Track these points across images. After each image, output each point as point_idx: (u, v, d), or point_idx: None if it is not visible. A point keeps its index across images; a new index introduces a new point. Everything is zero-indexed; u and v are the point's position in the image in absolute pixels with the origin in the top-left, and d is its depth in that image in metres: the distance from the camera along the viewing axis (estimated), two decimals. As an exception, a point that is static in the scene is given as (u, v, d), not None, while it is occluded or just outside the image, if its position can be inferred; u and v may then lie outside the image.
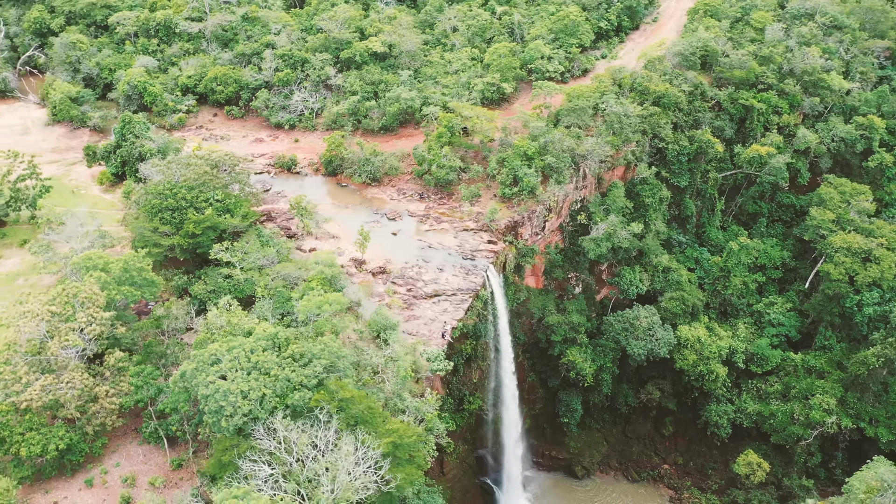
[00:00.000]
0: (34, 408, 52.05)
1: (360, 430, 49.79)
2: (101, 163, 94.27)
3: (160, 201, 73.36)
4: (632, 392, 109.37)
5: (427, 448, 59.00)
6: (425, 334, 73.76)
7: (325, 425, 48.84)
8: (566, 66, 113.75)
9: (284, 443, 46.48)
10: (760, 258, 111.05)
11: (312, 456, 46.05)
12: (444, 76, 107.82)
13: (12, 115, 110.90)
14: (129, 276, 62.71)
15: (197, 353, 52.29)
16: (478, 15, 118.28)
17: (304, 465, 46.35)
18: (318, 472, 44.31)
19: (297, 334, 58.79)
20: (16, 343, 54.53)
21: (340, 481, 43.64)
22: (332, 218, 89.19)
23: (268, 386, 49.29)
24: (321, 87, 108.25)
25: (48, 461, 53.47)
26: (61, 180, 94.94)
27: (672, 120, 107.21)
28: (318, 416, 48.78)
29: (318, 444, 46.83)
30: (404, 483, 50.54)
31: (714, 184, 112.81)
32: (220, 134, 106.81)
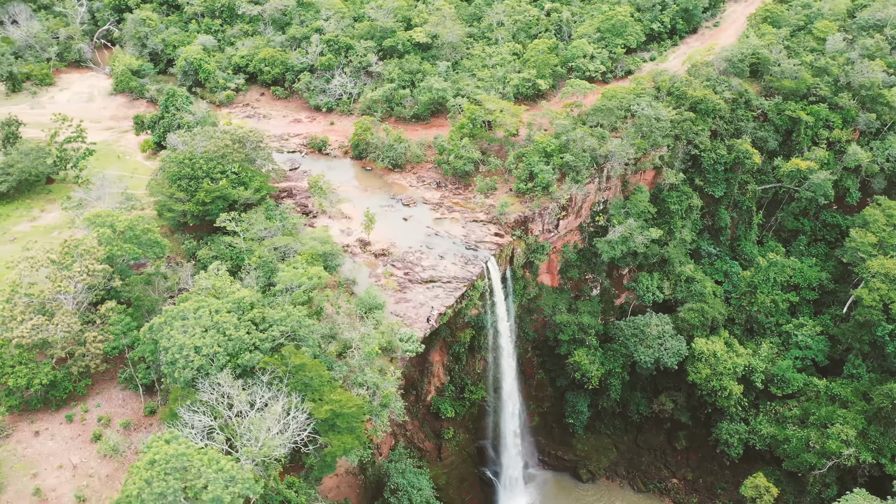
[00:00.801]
0: (24, 344, 57.44)
1: (297, 394, 52.30)
2: (148, 131, 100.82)
3: (179, 169, 78.33)
4: (645, 401, 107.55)
5: (380, 422, 60.89)
6: (412, 317, 75.64)
7: (268, 386, 51.72)
8: (608, 66, 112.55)
9: (227, 398, 49.67)
10: (795, 277, 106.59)
11: (249, 413, 49.02)
12: (482, 69, 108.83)
13: (83, 83, 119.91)
14: (134, 236, 67.56)
15: (168, 309, 56.29)
16: (525, 11, 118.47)
17: (241, 420, 49.35)
18: (245, 427, 47.22)
19: (269, 302, 61.95)
20: (20, 285, 60.19)
21: (260, 437, 46.36)
22: (348, 199, 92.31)
23: (220, 344, 52.60)
24: (362, 73, 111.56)
25: (35, 394, 58.86)
26: (111, 146, 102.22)
27: (711, 127, 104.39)
28: (262, 378, 51.71)
29: (255, 402, 49.77)
30: (337, 450, 52.73)
31: (752, 196, 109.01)
32: (263, 112, 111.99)
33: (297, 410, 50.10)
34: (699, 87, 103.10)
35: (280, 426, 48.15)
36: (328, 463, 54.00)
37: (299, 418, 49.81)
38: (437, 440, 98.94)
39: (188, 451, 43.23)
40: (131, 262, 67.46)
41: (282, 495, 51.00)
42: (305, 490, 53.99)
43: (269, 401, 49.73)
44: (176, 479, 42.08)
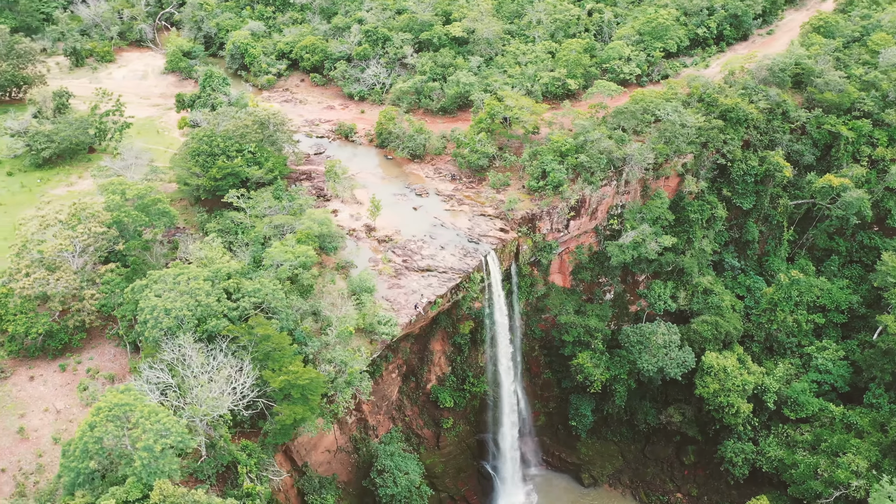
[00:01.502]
0: (26, 295, 62.41)
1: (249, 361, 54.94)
2: (187, 109, 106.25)
3: (198, 146, 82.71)
4: (653, 411, 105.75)
5: (343, 398, 62.87)
6: (401, 303, 77.37)
7: (232, 353, 54.63)
8: (644, 69, 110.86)
9: (185, 359, 52.80)
10: (823, 298, 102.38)
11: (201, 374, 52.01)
12: (513, 66, 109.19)
13: (140, 62, 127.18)
14: (143, 205, 72.00)
15: (151, 273, 60.04)
16: (566, 10, 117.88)
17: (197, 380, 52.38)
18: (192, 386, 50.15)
19: (255, 275, 64.95)
20: (29, 241, 65.36)
21: (202, 397, 49.17)
22: (364, 185, 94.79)
23: (190, 309, 55.81)
24: (397, 64, 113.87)
25: (34, 343, 63.77)
26: (154, 121, 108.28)
27: (743, 137, 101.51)
28: (221, 345, 54.64)
29: (210, 365, 52.68)
30: (287, 418, 55.04)
31: (784, 211, 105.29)
32: (300, 98, 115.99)
33: (244, 375, 52.71)
34: (733, 95, 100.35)
35: (222, 388, 50.80)
36: (282, 431, 56.42)
37: (245, 383, 52.40)
38: (437, 428, 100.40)
39: (132, 401, 46.43)
40: (140, 228, 71.79)
41: (232, 455, 53.74)
42: (259, 454, 56.58)
43: (223, 365, 52.51)
44: (116, 426, 45.37)
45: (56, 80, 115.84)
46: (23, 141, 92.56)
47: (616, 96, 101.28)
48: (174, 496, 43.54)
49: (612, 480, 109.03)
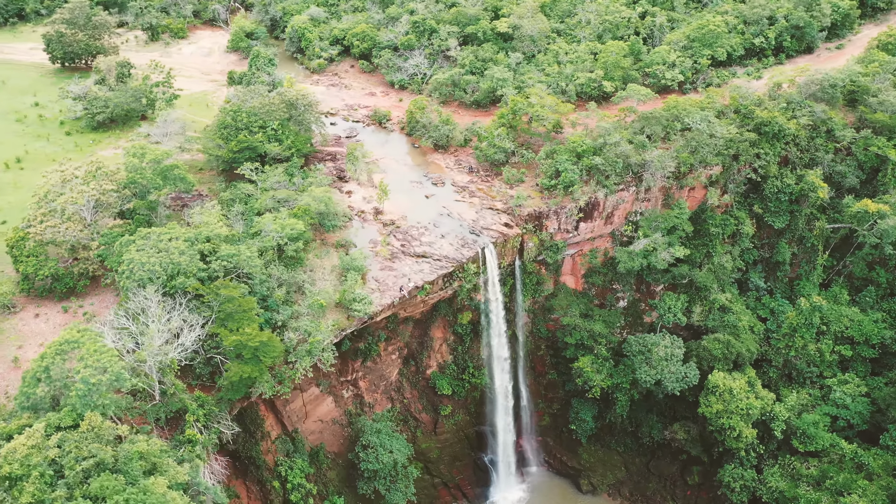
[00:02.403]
0: (38, 240, 69.14)
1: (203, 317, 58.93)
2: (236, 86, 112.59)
3: (224, 119, 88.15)
4: (659, 426, 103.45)
5: (301, 365, 65.89)
6: (389, 285, 79.72)
7: (189, 307, 58.97)
8: (688, 76, 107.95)
9: (146, 309, 57.41)
10: (851, 329, 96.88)
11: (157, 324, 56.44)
12: (552, 65, 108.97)
13: (208, 40, 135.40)
14: (161, 169, 77.69)
15: (140, 230, 65.23)
16: (617, 12, 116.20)
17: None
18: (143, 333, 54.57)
19: (242, 242, 69.13)
20: (49, 192, 72.22)
21: (147, 344, 53.44)
22: (384, 170, 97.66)
23: (162, 265, 60.42)
24: (440, 56, 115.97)
25: (42, 284, 70.48)
26: (207, 95, 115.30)
27: (780, 153, 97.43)
28: (181, 300, 58.95)
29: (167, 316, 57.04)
30: (234, 375, 58.66)
31: (820, 234, 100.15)
32: (346, 83, 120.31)
33: (193, 330, 56.72)
34: (772, 108, 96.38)
35: (167, 337, 54.94)
36: (234, 388, 60.14)
37: (192, 337, 56.39)
38: (435, 414, 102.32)
39: (81, 339, 51.26)
40: (154, 190, 77.38)
41: (182, 403, 57.95)
42: (211, 406, 60.54)
43: (174, 318, 56.70)
44: (62, 358, 50.32)
45: (130, 53, 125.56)
46: (82, 105, 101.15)
47: (648, 101, 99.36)
48: (100, 428, 47.92)
49: (611, 490, 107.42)
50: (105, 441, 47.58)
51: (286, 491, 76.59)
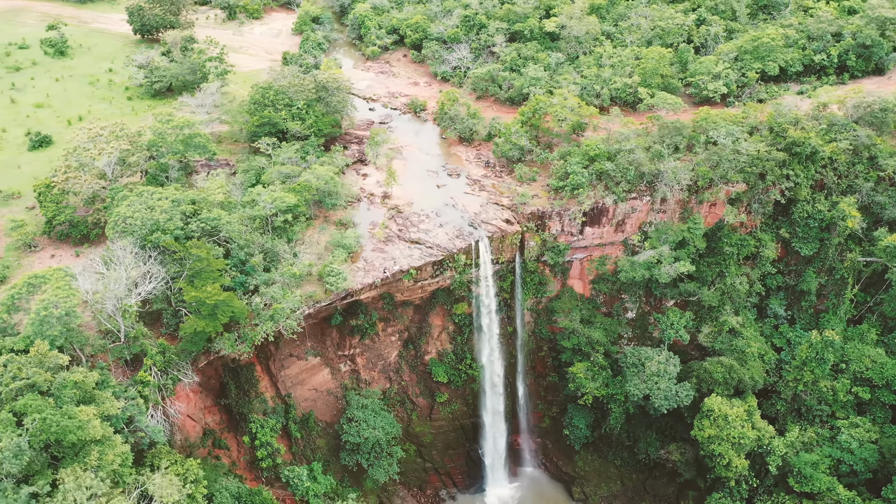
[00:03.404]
0: (60, 189, 76.87)
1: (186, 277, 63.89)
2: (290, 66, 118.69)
3: (254, 95, 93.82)
4: (657, 444, 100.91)
5: (263, 328, 69.78)
6: (376, 266, 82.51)
7: (158, 260, 64.30)
8: (733, 89, 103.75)
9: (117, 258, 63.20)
10: (872, 371, 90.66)
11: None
12: (591, 68, 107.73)
13: (280, 22, 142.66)
14: (185, 136, 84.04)
15: (135, 188, 71.35)
16: (671, 18, 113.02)
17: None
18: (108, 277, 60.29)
19: (233, 208, 74.11)
20: (76, 148, 79.98)
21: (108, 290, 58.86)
22: (405, 157, 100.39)
23: (143, 220, 66.04)
24: (485, 51, 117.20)
25: (61, 229, 78.22)
26: (260, 73, 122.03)
27: (815, 177, 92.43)
28: (150, 252, 64.29)
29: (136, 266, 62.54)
30: (188, 327, 63.35)
31: (851, 266, 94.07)
32: (394, 71, 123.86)
33: (152, 281, 61.84)
34: (811, 129, 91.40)
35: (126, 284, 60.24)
36: (191, 340, 64.95)
37: (147, 287, 61.48)
38: (431, 401, 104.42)
39: (49, 276, 57.44)
40: (173, 154, 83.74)
41: (142, 346, 63.36)
42: (172, 355, 65.63)
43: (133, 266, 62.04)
44: (28, 291, 56.65)
45: (206, 29, 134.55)
46: (143, 73, 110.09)
47: (680, 111, 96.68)
48: (45, 355, 53.64)
49: (603, 502, 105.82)
50: (46, 368, 53.28)
51: (254, 447, 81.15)
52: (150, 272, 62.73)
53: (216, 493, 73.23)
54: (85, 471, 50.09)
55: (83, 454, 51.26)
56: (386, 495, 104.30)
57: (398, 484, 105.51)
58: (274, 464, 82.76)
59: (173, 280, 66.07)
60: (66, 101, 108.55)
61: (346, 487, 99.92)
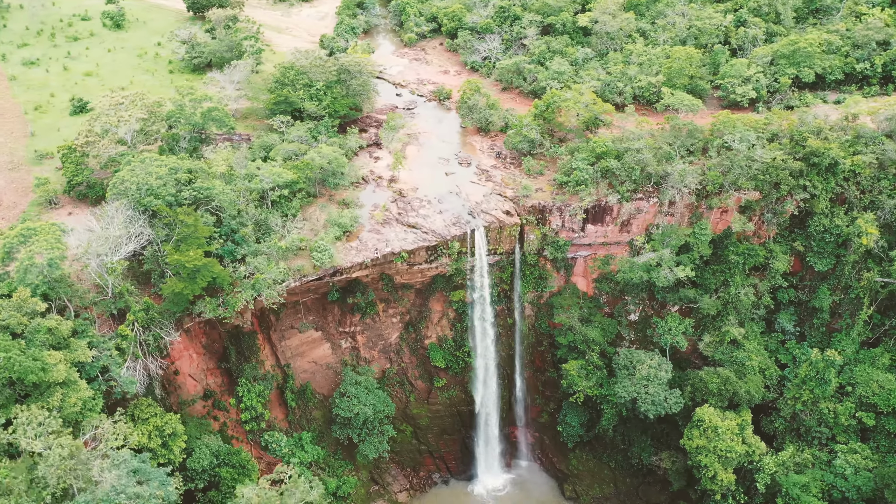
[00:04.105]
0: (80, 151, 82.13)
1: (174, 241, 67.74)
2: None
3: (275, 74, 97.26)
4: (651, 449, 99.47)
5: (243, 296, 72.78)
6: (368, 246, 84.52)
7: (148, 223, 68.31)
8: (763, 94, 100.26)
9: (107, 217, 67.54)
10: (878, 397, 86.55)
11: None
12: (618, 65, 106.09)
13: (328, 4, 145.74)
14: (205, 110, 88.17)
15: (139, 154, 75.65)
16: (709, 18, 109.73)
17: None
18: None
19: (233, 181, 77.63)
20: (99, 114, 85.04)
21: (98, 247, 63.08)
22: (421, 143, 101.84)
23: (140, 185, 70.07)
24: (516, 43, 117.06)
25: (79, 189, 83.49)
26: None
27: (835, 190, 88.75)
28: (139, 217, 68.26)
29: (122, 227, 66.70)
30: (167, 289, 66.87)
31: (867, 286, 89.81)
32: (427, 59, 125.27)
33: (131, 241, 65.73)
34: (832, 139, 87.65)
35: (113, 242, 64.27)
36: (173, 301, 68.60)
37: (128, 247, 65.33)
38: (430, 384, 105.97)
39: (40, 228, 62.14)
40: (188, 126, 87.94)
41: (125, 301, 67.50)
42: (156, 312, 69.50)
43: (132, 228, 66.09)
44: (19, 241, 61.36)
45: (254, 10, 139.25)
46: (185, 48, 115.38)
47: (697, 113, 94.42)
48: (24, 301, 58.07)
49: (593, 503, 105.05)
50: (23, 312, 57.73)
51: (239, 410, 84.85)
52: (137, 233, 66.61)
53: (196, 448, 77.24)
54: (48, 410, 54.20)
55: (47, 395, 55.44)
56: (378, 472, 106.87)
57: (391, 462, 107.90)
58: (259, 428, 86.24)
59: (163, 243, 69.85)
60: (113, 72, 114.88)
61: (339, 460, 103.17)
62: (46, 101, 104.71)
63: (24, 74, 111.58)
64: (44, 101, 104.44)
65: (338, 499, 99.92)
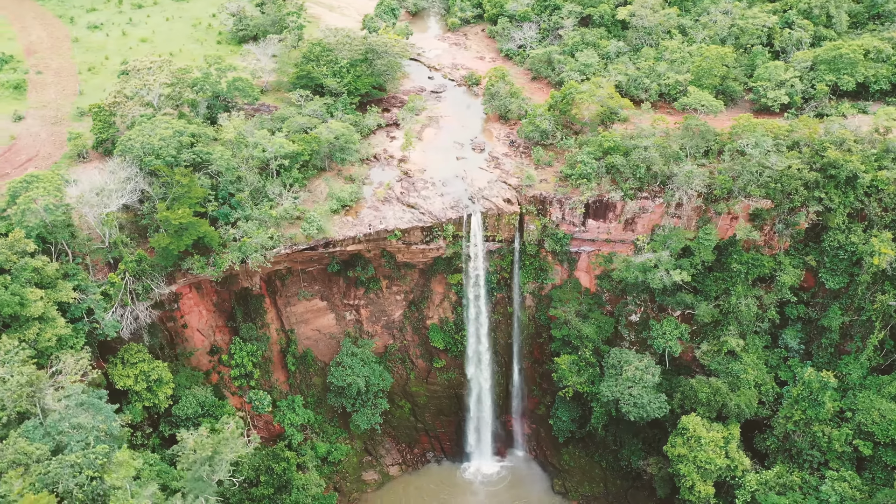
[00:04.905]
0: (108, 110, 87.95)
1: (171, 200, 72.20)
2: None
3: (303, 50, 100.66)
4: (642, 453, 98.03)
5: (231, 257, 76.42)
6: (364, 222, 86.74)
7: (146, 181, 72.96)
8: (796, 100, 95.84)
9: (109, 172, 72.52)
10: (877, 426, 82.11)
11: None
12: (650, 60, 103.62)
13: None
14: (230, 80, 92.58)
15: (156, 117, 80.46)
16: (752, 18, 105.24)
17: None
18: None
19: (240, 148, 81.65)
20: (130, 76, 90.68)
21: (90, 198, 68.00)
22: (440, 126, 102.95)
23: (141, 144, 74.80)
24: (552, 33, 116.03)
25: (105, 145, 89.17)
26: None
27: (855, 205, 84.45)
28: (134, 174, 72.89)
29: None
30: (154, 242, 71.25)
31: (880, 308, 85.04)
32: (466, 44, 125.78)
33: (123, 195, 70.33)
34: (858, 153, 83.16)
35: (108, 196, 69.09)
36: (162, 254, 73.10)
37: (118, 201, 69.93)
38: (430, 364, 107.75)
39: (43, 176, 67.61)
40: (222, 95, 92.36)
41: (117, 250, 72.48)
42: (147, 266, 74.19)
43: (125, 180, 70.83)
44: (22, 187, 66.95)
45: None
46: (233, 20, 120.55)
47: (718, 114, 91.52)
48: (18, 241, 63.45)
49: (582, 501, 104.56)
50: (14, 251, 63.15)
51: (229, 366, 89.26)
52: (132, 188, 71.28)
53: (183, 397, 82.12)
54: (23, 341, 59.45)
55: (25, 328, 60.69)
56: (372, 443, 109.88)
57: (387, 436, 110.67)
58: (247, 385, 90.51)
59: (161, 201, 74.37)
60: (166, 39, 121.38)
61: (335, 427, 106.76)
62: (100, 63, 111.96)
63: (86, 37, 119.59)
64: (98, 63, 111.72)
65: (328, 464, 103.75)
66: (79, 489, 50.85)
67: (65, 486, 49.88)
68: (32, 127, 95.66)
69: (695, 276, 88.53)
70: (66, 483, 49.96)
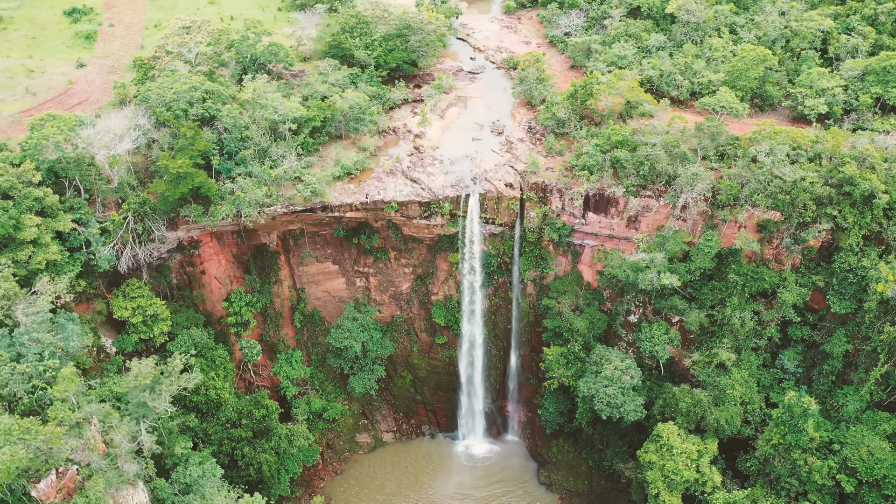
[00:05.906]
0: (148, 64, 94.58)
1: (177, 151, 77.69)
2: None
3: (341, 21, 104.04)
4: (625, 455, 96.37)
5: (225, 209, 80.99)
6: (365, 192, 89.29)
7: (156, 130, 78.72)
8: (835, 111, 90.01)
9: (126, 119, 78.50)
10: (864, 464, 77.02)
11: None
12: (688, 57, 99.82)
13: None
14: (266, 45, 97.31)
15: (174, 70, 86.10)
16: (809, 20, 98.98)
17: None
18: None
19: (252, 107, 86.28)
20: (170, 35, 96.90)
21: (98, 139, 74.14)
22: (465, 106, 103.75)
23: (158, 98, 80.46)
24: (598, 22, 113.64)
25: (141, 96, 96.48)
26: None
27: (872, 227, 79.09)
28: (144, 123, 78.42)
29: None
30: (154, 187, 76.66)
31: (887, 340, 79.22)
32: (516, 27, 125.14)
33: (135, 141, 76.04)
34: (878, 171, 77.58)
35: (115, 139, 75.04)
36: (162, 200, 78.63)
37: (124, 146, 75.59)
38: (433, 339, 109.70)
39: (59, 115, 74.37)
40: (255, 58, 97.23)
41: (123, 192, 78.69)
42: (150, 208, 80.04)
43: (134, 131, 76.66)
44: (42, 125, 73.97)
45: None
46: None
47: (741, 118, 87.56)
48: (26, 172, 70.14)
49: (565, 495, 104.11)
50: (22, 181, 70.06)
51: (228, 313, 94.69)
52: (135, 136, 76.96)
53: (179, 335, 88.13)
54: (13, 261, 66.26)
55: (18, 250, 67.53)
56: (370, 408, 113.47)
57: (385, 403, 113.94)
58: (242, 332, 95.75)
59: (168, 149, 79.93)
60: (232, 3, 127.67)
61: (335, 387, 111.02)
62: (167, 21, 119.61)
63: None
64: (165, 21, 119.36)
65: (323, 420, 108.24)
66: (26, 395, 56.72)
67: (10, 390, 55.85)
68: (90, 74, 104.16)
69: (692, 282, 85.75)
70: (12, 388, 55.91)
